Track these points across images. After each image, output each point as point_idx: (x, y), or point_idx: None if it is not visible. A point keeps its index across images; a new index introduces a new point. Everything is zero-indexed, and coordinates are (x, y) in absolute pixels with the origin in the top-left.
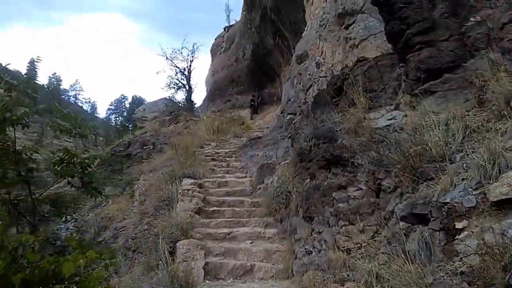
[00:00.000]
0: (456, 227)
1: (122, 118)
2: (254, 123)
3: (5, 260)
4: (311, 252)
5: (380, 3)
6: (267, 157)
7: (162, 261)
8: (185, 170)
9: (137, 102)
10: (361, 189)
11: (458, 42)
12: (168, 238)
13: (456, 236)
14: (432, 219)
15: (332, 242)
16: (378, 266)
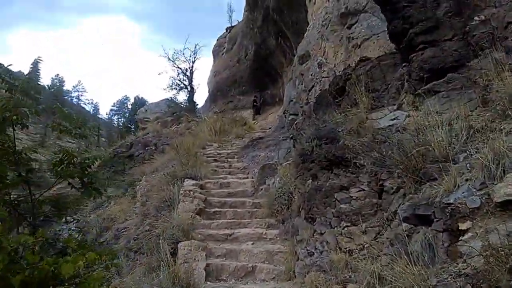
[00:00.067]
0: (460, 228)
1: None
2: (256, 124)
3: (4, 261)
4: (313, 253)
5: (383, 2)
6: (269, 158)
7: (164, 262)
8: (187, 171)
9: (139, 103)
10: (364, 190)
11: (462, 42)
12: (170, 239)
13: (460, 238)
14: (436, 220)
15: (334, 243)
16: (381, 268)
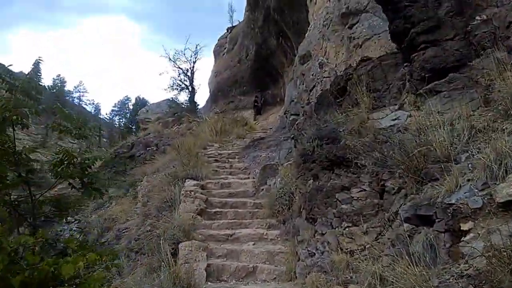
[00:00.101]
0: (462, 229)
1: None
2: (257, 124)
3: (4, 262)
4: (314, 254)
5: (385, 2)
6: (270, 158)
7: (164, 263)
8: (188, 171)
9: (141, 104)
10: (365, 190)
11: (464, 41)
12: (170, 240)
13: (462, 238)
14: (437, 221)
15: (335, 244)
16: (382, 268)
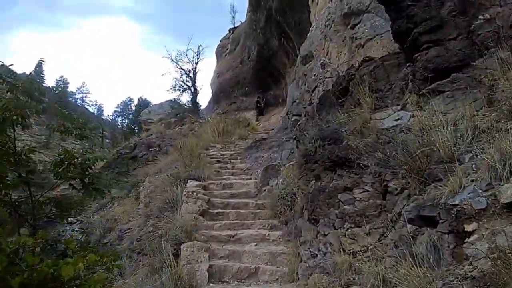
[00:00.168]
0: (466, 230)
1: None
2: (259, 125)
3: (3, 263)
4: (317, 255)
5: (387, 2)
6: (272, 159)
7: (166, 264)
8: (190, 172)
9: (143, 104)
10: (367, 191)
11: (467, 41)
12: (172, 240)
13: (466, 239)
14: (441, 222)
15: (338, 245)
16: (385, 270)
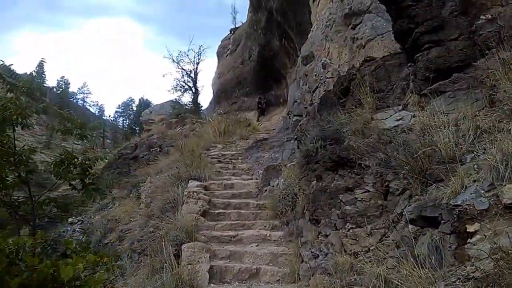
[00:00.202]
0: (468, 231)
1: (129, 121)
2: (260, 125)
3: (2, 264)
4: (318, 256)
5: (388, 2)
6: (273, 159)
7: (167, 264)
8: (191, 172)
9: (144, 105)
10: (369, 191)
11: (468, 41)
12: (173, 241)
13: (468, 240)
14: (443, 222)
15: (339, 246)
16: (387, 271)
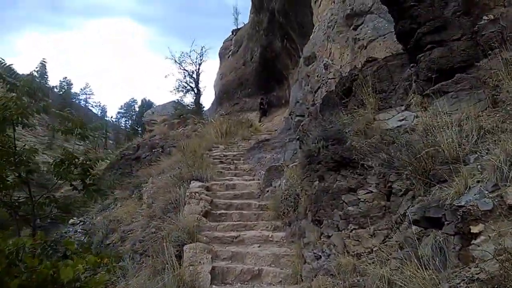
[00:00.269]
0: (472, 232)
1: (132, 121)
2: (262, 126)
3: (1, 265)
4: (320, 257)
5: (390, 2)
6: (275, 160)
7: (169, 265)
8: (193, 173)
9: (147, 106)
10: (371, 192)
11: (471, 41)
12: (175, 242)
13: (472, 241)
14: (446, 223)
15: (342, 247)
16: (390, 272)
